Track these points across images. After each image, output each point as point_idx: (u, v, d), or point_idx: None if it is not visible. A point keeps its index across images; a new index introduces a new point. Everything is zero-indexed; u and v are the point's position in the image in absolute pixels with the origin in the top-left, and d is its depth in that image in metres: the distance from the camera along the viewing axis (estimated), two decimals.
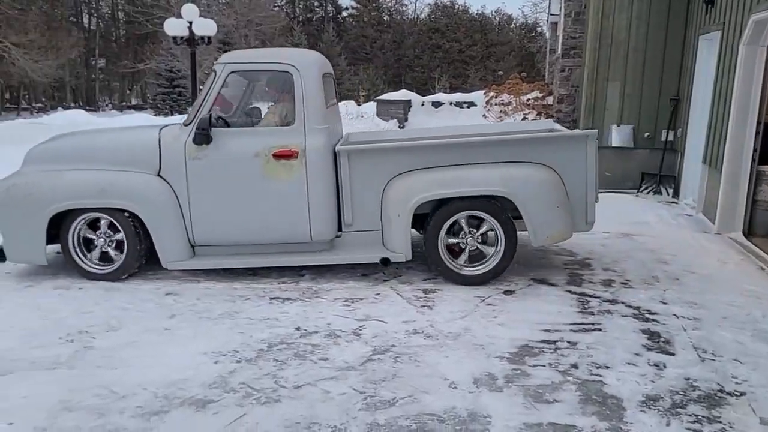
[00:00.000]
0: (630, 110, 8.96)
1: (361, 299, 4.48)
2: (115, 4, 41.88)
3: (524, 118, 11.20)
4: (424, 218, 4.83)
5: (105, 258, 4.98)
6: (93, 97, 41.21)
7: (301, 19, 46.06)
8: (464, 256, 4.81)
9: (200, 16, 13.72)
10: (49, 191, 4.80)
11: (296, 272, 5.09)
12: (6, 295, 4.55)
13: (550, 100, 12.05)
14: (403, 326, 3.98)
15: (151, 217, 4.80)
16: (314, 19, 49.41)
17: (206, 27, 13.63)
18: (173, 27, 13.56)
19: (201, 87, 5.69)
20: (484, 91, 15.93)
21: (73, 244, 4.91)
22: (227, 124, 4.93)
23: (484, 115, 14.37)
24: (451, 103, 19.49)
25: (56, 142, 5.21)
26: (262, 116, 5.28)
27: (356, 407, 3.00)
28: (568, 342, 3.75)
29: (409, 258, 4.79)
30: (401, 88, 25.04)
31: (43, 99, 36.77)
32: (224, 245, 4.97)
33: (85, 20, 41.69)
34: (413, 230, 4.85)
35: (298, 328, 3.96)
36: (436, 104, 19.73)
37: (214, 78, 4.79)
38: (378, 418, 2.91)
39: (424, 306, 4.34)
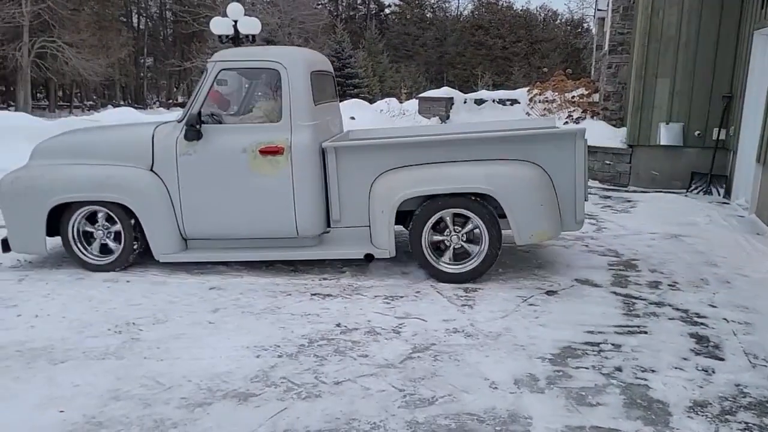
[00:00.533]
0: (680, 108, 8.72)
1: (401, 297, 4.48)
2: (163, 3, 42.84)
3: (569, 116, 11.01)
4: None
5: (104, 250, 5.15)
6: (141, 95, 42.29)
7: (343, 16, 46.28)
8: (449, 254, 4.79)
9: (245, 14, 13.92)
10: (48, 185, 5.00)
11: (337, 269, 5.12)
12: (59, 287, 4.71)
13: (596, 97, 11.82)
14: (443, 325, 3.97)
15: (142, 210, 4.95)
16: (357, 16, 49.58)
17: (251, 25, 13.82)
18: (219, 26, 13.79)
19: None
20: (527, 89, 15.73)
21: (73, 237, 5.10)
22: (219, 121, 5.00)
23: (527, 113, 14.18)
24: (494, 101, 19.31)
25: (60, 138, 5.42)
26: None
27: (395, 405, 3.01)
28: (612, 344, 3.68)
29: (393, 254, 4.81)
30: (443, 86, 24.92)
31: (94, 97, 37.88)
32: (214, 239, 5.08)
33: (135, 20, 42.77)
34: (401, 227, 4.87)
35: (338, 325, 3.99)
36: (479, 102, 19.56)
37: (206, 76, 4.90)
38: (417, 416, 2.91)
39: (464, 305, 4.31)
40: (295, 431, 2.80)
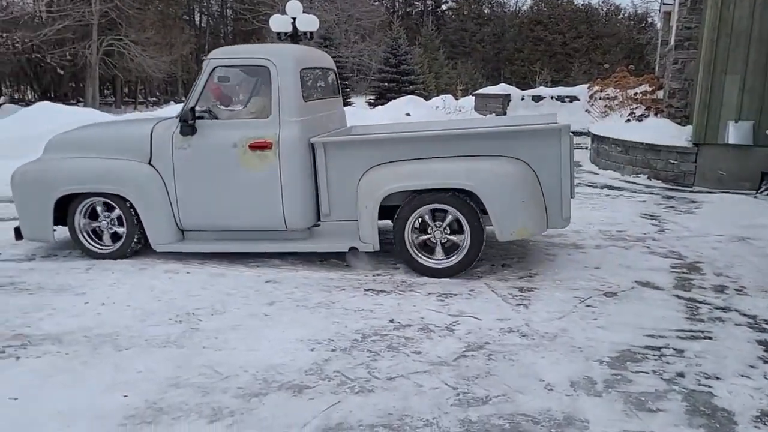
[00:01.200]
0: (750, 105, 8.34)
1: (455, 295, 4.45)
2: (224, 1, 43.79)
3: (631, 113, 10.68)
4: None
5: (111, 238, 5.40)
6: None
7: (400, 13, 46.27)
8: (438, 250, 4.81)
9: (303, 12, 14.09)
10: (54, 177, 5.28)
11: (391, 266, 5.13)
12: (124, 277, 4.89)
13: (660, 94, 11.43)
14: (498, 324, 3.92)
15: (139, 201, 5.16)
16: (413, 13, 49.49)
17: (309, 23, 13.98)
18: (278, 23, 14.01)
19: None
20: (588, 85, 15.36)
21: (79, 226, 5.34)
22: (215, 117, 5.15)
23: (587, 110, 13.85)
24: (552, 97, 18.96)
25: (70, 133, 5.67)
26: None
27: (448, 402, 2.99)
28: (674, 349, 3.56)
29: (377, 249, 4.86)
30: (500, 82, 24.62)
31: (157, 93, 39.08)
32: (208, 230, 5.26)
33: (197, 18, 43.89)
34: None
35: (391, 321, 4.00)
36: (537, 98, 19.24)
37: (201, 73, 5.07)
38: (470, 414, 2.89)
39: (519, 304, 4.25)
40: (348, 425, 2.82)
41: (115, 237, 5.36)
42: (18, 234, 5.51)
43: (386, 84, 27.05)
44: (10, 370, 3.36)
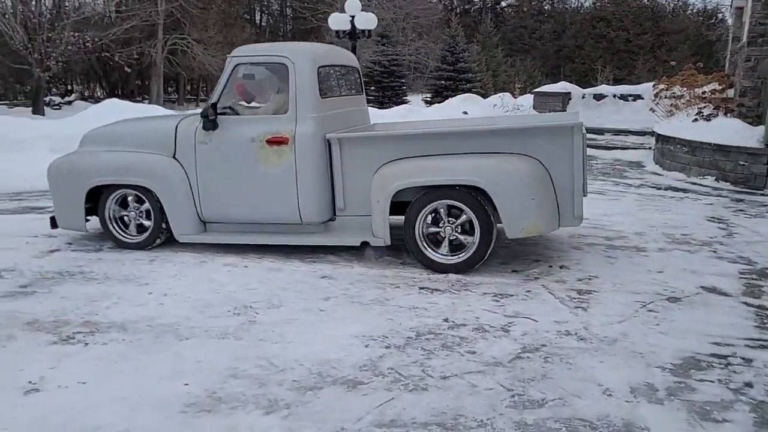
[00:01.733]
0: None
1: (511, 296, 4.39)
2: (284, 0, 44.49)
3: (699, 113, 10.28)
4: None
5: (137, 229, 5.61)
6: None
7: (458, 10, 45.93)
8: (445, 245, 4.83)
9: (362, 10, 14.17)
10: (86, 169, 5.53)
11: None
12: (185, 269, 5.03)
13: (730, 92, 10.94)
14: (555, 326, 3.84)
15: (163, 192, 5.34)
16: (472, 10, 49.07)
17: (367, 21, 14.06)
18: (337, 21, 14.14)
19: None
20: (653, 83, 14.88)
21: (109, 217, 5.57)
22: (237, 113, 5.26)
23: (651, 109, 13.42)
24: (614, 96, 18.50)
25: (103, 128, 5.95)
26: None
27: (503, 404, 2.96)
28: (742, 358, 3.41)
29: (388, 243, 4.94)
30: (559, 80, 24.12)
31: None
32: (227, 222, 5.43)
33: (257, 17, 44.74)
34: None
35: (446, 320, 3.98)
36: (598, 97, 18.78)
37: (224, 71, 5.23)
38: (526, 417, 2.84)
39: (577, 307, 4.15)
40: (402, 422, 2.82)
41: (141, 228, 5.59)
42: (53, 223, 5.78)
43: (443, 82, 26.93)
44: (79, 356, 3.51)
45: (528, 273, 4.84)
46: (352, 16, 13.93)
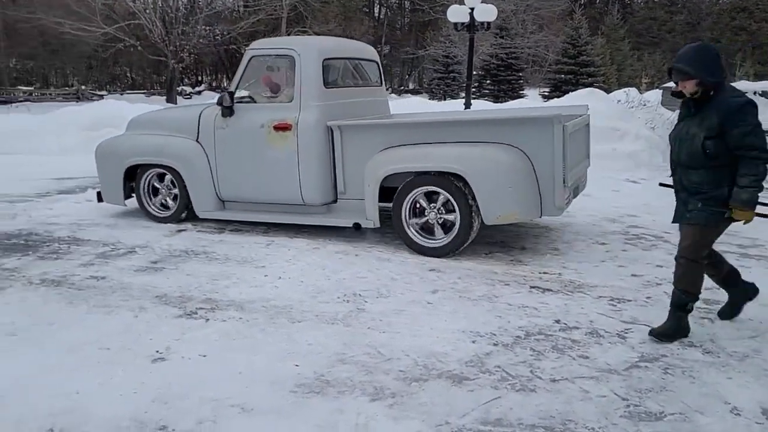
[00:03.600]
0: None
1: (629, 300, 4.17)
2: None
3: None
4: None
5: (161, 206, 6.27)
6: None
7: (583, 1, 44.13)
8: (437, 230, 5.07)
9: (482, 2, 13.95)
10: (124, 149, 6.22)
11: (560, 264, 4.93)
12: (299, 255, 5.21)
13: None
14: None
15: (186, 171, 5.90)
16: (597, 1, 47.01)
17: (487, 12, 13.81)
18: (456, 13, 14.00)
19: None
20: None
21: (144, 191, 6.24)
22: (253, 101, 5.73)
23: None
24: (755, 93, 17.08)
25: (145, 114, 6.68)
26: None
27: (617, 413, 2.81)
28: None
29: (377, 225, 5.26)
30: None
31: None
32: (241, 201, 5.90)
33: (376, 10, 45.37)
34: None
35: (557, 321, 3.84)
36: None
37: (241, 62, 5.71)
38: (642, 429, 2.69)
39: (704, 318, 3.87)
40: (508, 421, 2.76)
41: (164, 207, 6.23)
42: (99, 197, 6.52)
43: (563, 76, 26.01)
44: (201, 330, 3.73)
45: (649, 278, 4.58)
46: (472, 8, 13.71)
